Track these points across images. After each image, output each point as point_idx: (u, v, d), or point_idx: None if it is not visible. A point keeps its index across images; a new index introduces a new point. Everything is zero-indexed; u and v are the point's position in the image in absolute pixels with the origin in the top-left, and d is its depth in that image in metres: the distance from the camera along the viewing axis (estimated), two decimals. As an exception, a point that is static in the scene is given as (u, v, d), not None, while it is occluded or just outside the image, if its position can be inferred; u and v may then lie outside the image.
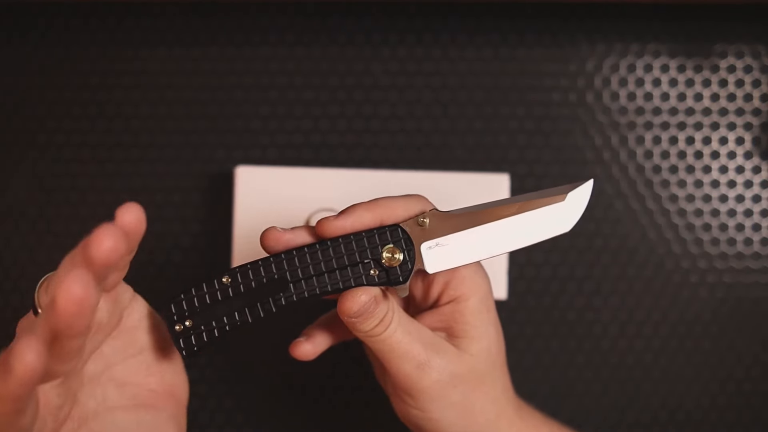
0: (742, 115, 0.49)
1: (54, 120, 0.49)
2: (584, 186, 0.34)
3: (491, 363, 0.35)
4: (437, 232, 0.33)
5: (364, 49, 0.49)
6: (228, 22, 0.49)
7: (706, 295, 0.49)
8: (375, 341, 0.33)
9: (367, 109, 0.49)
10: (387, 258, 0.32)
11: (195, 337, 0.32)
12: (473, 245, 0.33)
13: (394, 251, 0.32)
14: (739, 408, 0.49)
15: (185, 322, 0.32)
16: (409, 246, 0.32)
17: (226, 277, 0.32)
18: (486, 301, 0.35)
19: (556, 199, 0.33)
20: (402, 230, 0.32)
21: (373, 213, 0.33)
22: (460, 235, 0.33)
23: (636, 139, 0.49)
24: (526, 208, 0.33)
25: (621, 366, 0.49)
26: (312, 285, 0.32)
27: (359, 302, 0.31)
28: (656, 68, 0.49)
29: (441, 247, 0.33)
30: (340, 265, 0.32)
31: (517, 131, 0.49)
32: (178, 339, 0.32)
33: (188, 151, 0.49)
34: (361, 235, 0.32)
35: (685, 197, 0.49)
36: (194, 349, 0.32)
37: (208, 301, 0.32)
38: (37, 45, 0.49)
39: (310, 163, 0.49)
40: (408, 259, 0.32)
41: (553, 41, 0.49)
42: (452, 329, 0.35)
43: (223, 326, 0.32)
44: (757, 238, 0.49)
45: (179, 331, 0.32)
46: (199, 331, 0.32)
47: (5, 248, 0.49)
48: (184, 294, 0.32)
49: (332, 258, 0.32)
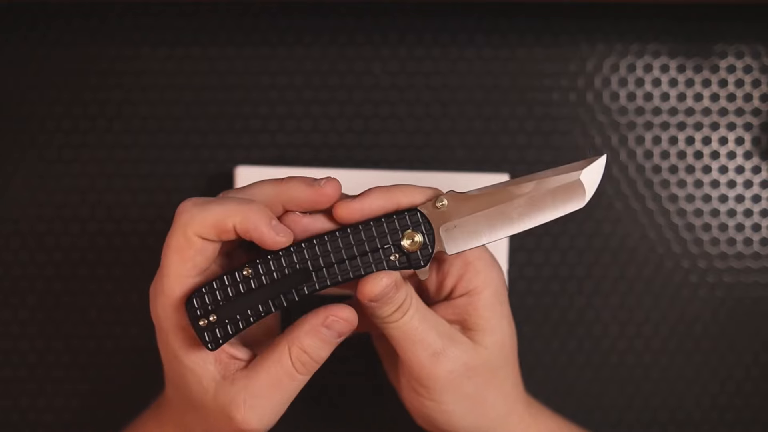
0: (742, 115, 0.49)
1: (54, 120, 0.49)
2: (598, 162, 0.34)
3: (504, 357, 0.35)
4: (455, 214, 0.33)
5: (364, 49, 0.49)
6: (228, 22, 0.49)
7: (706, 295, 0.49)
8: (392, 327, 0.33)
9: (367, 109, 0.49)
10: (407, 242, 0.32)
11: (220, 330, 0.32)
12: (492, 225, 0.33)
13: (414, 235, 0.32)
14: (739, 408, 0.49)
15: (209, 317, 0.31)
16: (428, 229, 0.32)
17: (247, 269, 0.32)
18: (499, 295, 0.35)
19: (572, 176, 0.33)
20: (420, 213, 0.32)
21: (389, 194, 0.33)
22: (478, 216, 0.33)
23: (636, 139, 0.49)
24: (542, 187, 0.33)
25: (621, 366, 0.49)
26: (334, 273, 0.32)
27: (381, 285, 0.32)
28: (656, 68, 0.49)
29: (460, 228, 0.33)
30: (361, 251, 0.32)
31: (517, 131, 0.49)
32: (203, 333, 0.32)
33: (188, 151, 0.49)
34: (381, 221, 0.32)
35: (685, 197, 0.49)
36: (220, 342, 0.32)
37: (231, 294, 0.32)
38: (37, 45, 0.49)
39: (310, 163, 0.49)
40: (428, 242, 0.32)
41: (553, 41, 0.49)
42: (466, 322, 0.35)
43: (248, 318, 0.32)
44: (757, 238, 0.49)
45: (204, 326, 0.32)
46: (224, 324, 0.32)
47: (5, 248, 0.49)
48: (206, 288, 0.32)
49: (353, 245, 0.32)
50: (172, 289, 0.31)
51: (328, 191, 0.32)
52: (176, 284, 0.31)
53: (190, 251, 0.31)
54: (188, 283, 0.32)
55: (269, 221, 0.31)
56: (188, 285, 0.32)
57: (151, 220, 0.49)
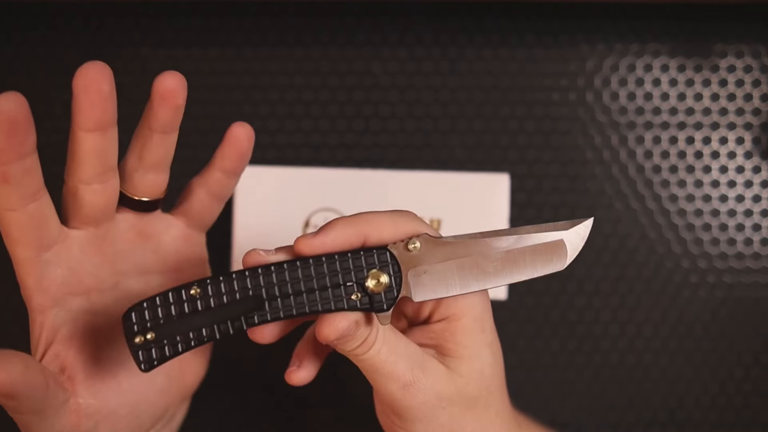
0: (742, 114, 0.49)
1: (54, 120, 0.49)
2: (584, 224, 0.33)
3: (484, 386, 0.33)
4: (427, 259, 0.31)
5: (364, 49, 0.49)
6: (228, 22, 0.49)
7: (706, 295, 0.49)
8: (359, 360, 0.31)
9: (367, 109, 0.49)
10: (372, 282, 0.30)
11: (156, 351, 0.29)
12: (464, 276, 0.31)
13: (380, 275, 0.30)
14: (739, 408, 0.49)
15: (147, 334, 0.29)
16: (396, 272, 0.30)
17: (194, 289, 0.29)
18: (481, 321, 0.33)
19: (554, 235, 0.32)
20: (390, 254, 0.30)
21: (356, 229, 0.30)
22: (450, 264, 0.31)
23: (636, 139, 0.49)
24: (522, 243, 0.32)
25: (621, 366, 0.49)
26: (289, 305, 0.30)
27: (338, 330, 0.29)
28: (656, 68, 0.49)
29: (429, 276, 0.31)
30: (321, 285, 0.30)
31: (517, 131, 0.49)
32: (138, 351, 0.29)
33: (188, 151, 0.49)
34: (346, 255, 0.30)
35: (685, 197, 0.49)
36: (154, 363, 0.29)
37: (174, 314, 0.29)
38: (37, 45, 0.49)
39: (310, 163, 0.49)
40: (394, 285, 0.30)
41: (553, 41, 0.49)
42: (442, 347, 0.33)
43: (189, 341, 0.29)
44: (757, 238, 0.49)
45: (139, 344, 0.29)
46: (161, 345, 0.29)
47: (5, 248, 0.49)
48: (147, 303, 0.29)
49: (313, 277, 0.30)
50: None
51: (167, 84, 0.31)
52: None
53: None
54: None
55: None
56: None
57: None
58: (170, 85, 0.30)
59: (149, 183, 0.33)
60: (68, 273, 0.33)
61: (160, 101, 0.31)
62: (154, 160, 0.33)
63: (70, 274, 0.33)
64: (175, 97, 0.31)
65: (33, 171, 0.29)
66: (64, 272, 0.32)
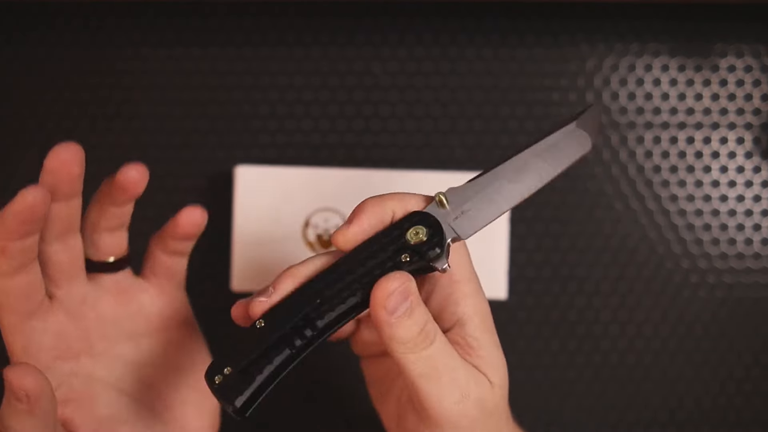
0: (742, 114, 0.49)
1: (54, 120, 0.49)
2: (590, 109, 0.32)
3: (505, 396, 0.31)
4: (459, 204, 0.30)
5: (364, 49, 0.49)
6: (228, 22, 0.49)
7: (706, 295, 0.49)
8: (414, 360, 0.28)
9: (367, 109, 0.49)
10: (412, 235, 0.29)
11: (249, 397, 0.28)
12: (500, 197, 0.31)
13: (419, 229, 0.29)
14: (739, 408, 0.49)
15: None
16: (435, 222, 0.29)
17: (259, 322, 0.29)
18: (488, 322, 0.31)
19: (566, 123, 0.32)
20: (423, 213, 0.30)
21: (383, 206, 0.30)
22: (483, 195, 0.30)
23: (636, 139, 0.49)
24: (543, 143, 0.31)
25: (621, 366, 0.49)
26: (342, 289, 0.29)
27: (389, 288, 0.27)
28: (656, 68, 0.49)
29: (467, 213, 0.30)
30: (369, 268, 0.29)
31: (517, 131, 0.49)
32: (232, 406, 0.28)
33: (188, 151, 0.49)
34: (379, 235, 0.29)
35: (685, 197, 0.49)
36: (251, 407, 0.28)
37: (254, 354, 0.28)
38: (37, 45, 0.49)
39: (310, 163, 0.49)
40: (437, 234, 0.29)
41: (553, 41, 0.49)
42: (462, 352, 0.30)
43: (276, 376, 0.28)
44: (758, 238, 0.49)
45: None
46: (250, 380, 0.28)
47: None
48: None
49: (357, 261, 0.29)
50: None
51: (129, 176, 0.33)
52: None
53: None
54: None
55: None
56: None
57: (151, 221, 0.49)
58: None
59: (108, 243, 0.34)
60: (56, 338, 0.33)
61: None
62: (107, 224, 0.34)
63: (58, 339, 0.33)
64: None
65: (31, 250, 0.30)
66: (51, 338, 0.33)
